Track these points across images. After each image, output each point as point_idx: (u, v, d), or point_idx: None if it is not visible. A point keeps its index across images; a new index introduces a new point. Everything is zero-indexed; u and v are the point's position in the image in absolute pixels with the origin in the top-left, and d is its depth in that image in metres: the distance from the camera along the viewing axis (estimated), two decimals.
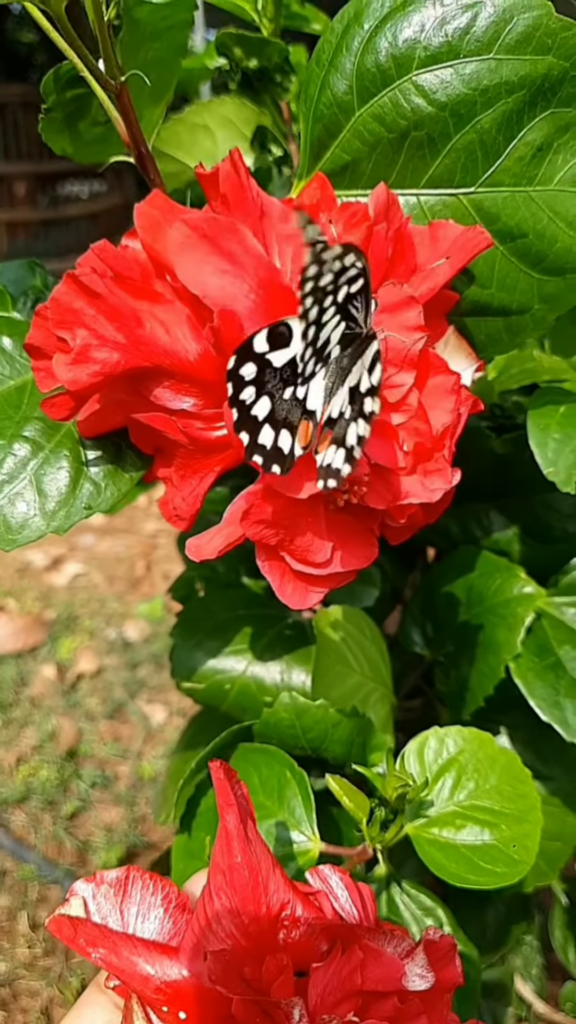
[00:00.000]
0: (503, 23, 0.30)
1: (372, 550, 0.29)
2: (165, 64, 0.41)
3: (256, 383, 0.26)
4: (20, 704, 1.34)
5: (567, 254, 0.32)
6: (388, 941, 0.23)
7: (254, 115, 0.51)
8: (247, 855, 0.22)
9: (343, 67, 0.32)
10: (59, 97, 0.37)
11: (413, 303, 0.28)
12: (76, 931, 0.22)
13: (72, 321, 0.28)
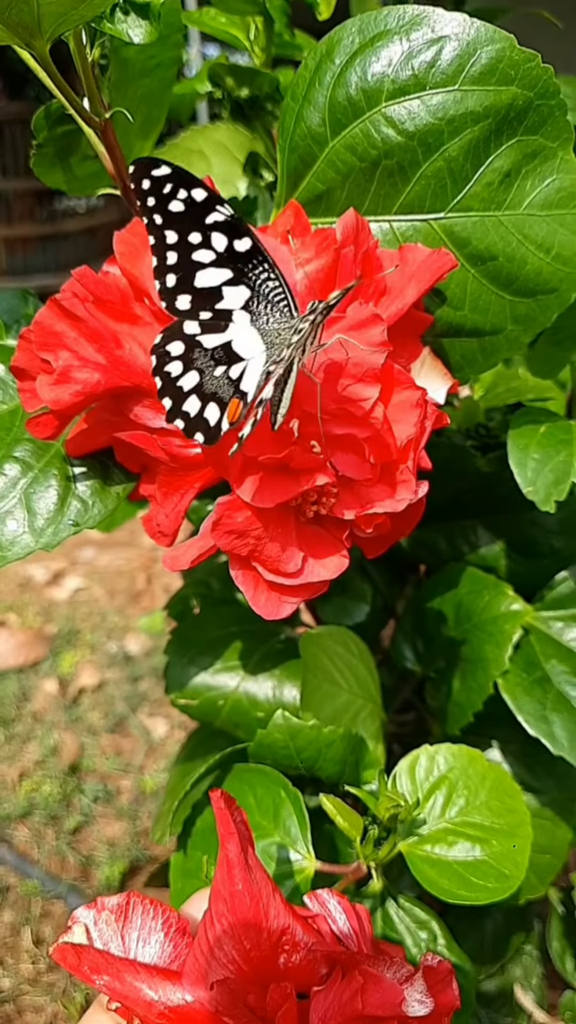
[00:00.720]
0: (467, 56, 0.31)
1: (343, 560, 0.30)
2: (154, 100, 0.42)
3: (183, 359, 0.28)
4: (22, 719, 1.34)
5: (537, 276, 0.33)
6: (388, 967, 0.24)
7: (247, 141, 0.52)
8: (248, 883, 0.22)
9: (316, 101, 0.33)
10: (50, 133, 0.38)
11: (377, 320, 0.29)
12: (80, 959, 0.22)
13: (54, 343, 0.29)
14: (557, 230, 0.32)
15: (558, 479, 0.37)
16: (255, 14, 0.46)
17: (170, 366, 0.28)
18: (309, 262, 0.30)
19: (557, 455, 0.38)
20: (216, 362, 0.28)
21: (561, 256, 0.32)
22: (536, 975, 0.82)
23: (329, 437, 0.29)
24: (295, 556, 0.29)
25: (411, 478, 0.29)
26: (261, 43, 0.49)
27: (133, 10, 0.31)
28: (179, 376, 0.28)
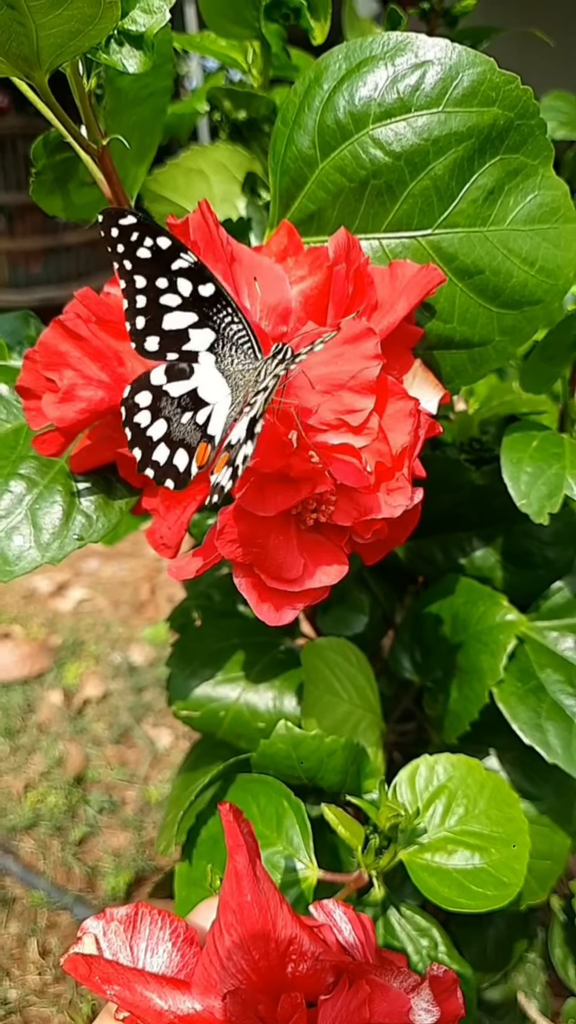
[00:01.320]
0: (450, 79, 0.32)
1: (343, 567, 0.31)
2: (147, 127, 0.43)
3: (151, 409, 0.29)
4: (27, 730, 1.35)
5: (523, 288, 0.34)
6: (395, 976, 0.24)
7: (246, 160, 0.53)
8: (256, 894, 0.23)
9: (306, 124, 0.34)
10: (48, 161, 0.39)
11: (371, 334, 0.30)
12: (90, 969, 0.23)
13: (59, 363, 0.31)
14: (540, 244, 0.33)
15: (551, 492, 0.38)
16: (252, 39, 0.47)
17: (139, 416, 0.29)
18: (303, 280, 0.31)
19: (550, 468, 0.39)
20: (183, 409, 0.29)
21: (545, 269, 0.33)
22: (540, 983, 0.82)
23: (327, 447, 0.30)
24: (297, 563, 0.30)
25: (407, 485, 0.30)
26: (259, 66, 0.50)
27: (128, 41, 0.32)
28: (148, 426, 0.29)
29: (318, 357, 0.29)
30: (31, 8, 0.25)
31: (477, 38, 0.66)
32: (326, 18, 0.47)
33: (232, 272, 0.30)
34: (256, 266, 0.30)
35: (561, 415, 0.46)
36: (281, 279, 0.30)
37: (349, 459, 0.30)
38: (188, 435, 0.29)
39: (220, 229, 0.30)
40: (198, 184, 0.55)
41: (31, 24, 0.26)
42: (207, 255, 0.29)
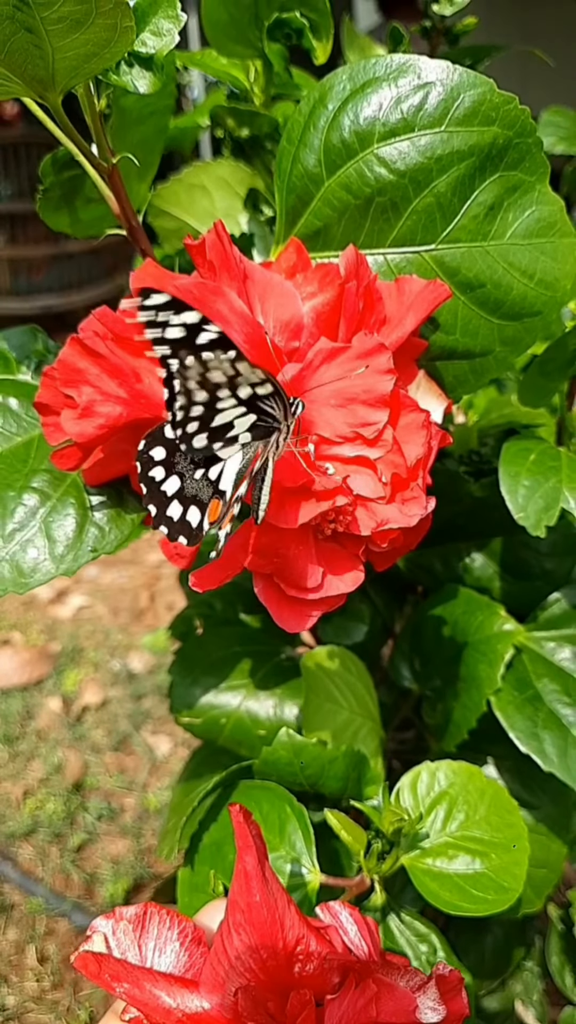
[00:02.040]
0: (451, 100, 0.33)
1: (359, 574, 0.32)
2: (150, 145, 0.44)
3: (165, 464, 0.29)
4: (26, 737, 1.35)
5: (523, 300, 0.34)
6: (401, 975, 0.24)
7: (248, 176, 0.54)
8: (265, 894, 0.23)
9: (312, 143, 0.35)
10: (56, 178, 0.40)
11: (383, 349, 0.30)
12: (100, 967, 0.23)
13: (78, 379, 0.31)
14: (539, 257, 0.34)
15: (548, 505, 0.38)
16: (255, 58, 0.48)
17: (153, 471, 0.29)
18: (314, 296, 0.32)
19: (547, 482, 0.39)
20: (195, 465, 0.29)
21: (543, 281, 0.34)
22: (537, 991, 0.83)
23: (344, 459, 0.30)
24: (315, 572, 0.31)
25: (421, 494, 0.31)
26: (261, 84, 0.51)
27: (137, 63, 0.33)
28: (162, 481, 0.29)
29: (332, 372, 0.30)
30: (50, 32, 0.26)
31: (478, 56, 0.66)
32: (328, 38, 0.48)
33: (246, 289, 0.31)
34: (267, 283, 0.31)
35: (558, 429, 0.47)
36: (292, 295, 0.31)
37: (365, 471, 0.31)
38: (200, 491, 0.29)
39: (234, 248, 0.30)
40: (200, 199, 0.56)
41: (48, 47, 0.27)
42: (222, 274, 0.30)
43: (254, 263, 0.32)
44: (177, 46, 0.33)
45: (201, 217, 0.56)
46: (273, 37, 0.47)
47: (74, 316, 2.49)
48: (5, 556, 0.33)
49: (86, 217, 0.43)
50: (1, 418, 0.36)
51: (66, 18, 0.25)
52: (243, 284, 0.31)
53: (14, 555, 0.34)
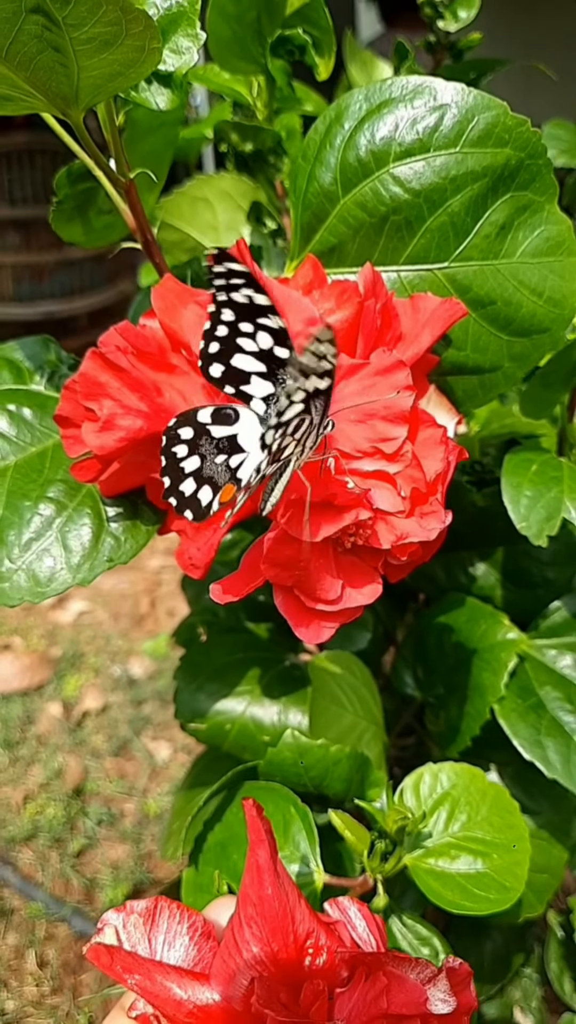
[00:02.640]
0: (466, 122, 0.34)
1: (377, 587, 0.32)
2: (159, 156, 0.45)
3: (190, 444, 0.30)
4: (26, 742, 1.35)
5: (532, 318, 0.35)
6: (411, 968, 0.24)
7: (251, 190, 0.55)
8: (276, 887, 0.23)
9: (327, 161, 0.36)
10: (70, 190, 0.40)
11: (402, 366, 0.31)
12: (112, 958, 0.23)
13: (99, 393, 0.32)
14: (548, 276, 0.35)
15: (550, 515, 0.39)
16: (258, 74, 0.49)
17: (177, 447, 0.30)
18: (332, 313, 0.32)
19: (549, 492, 0.40)
20: (219, 451, 0.30)
21: (552, 299, 0.35)
22: (536, 998, 0.83)
23: (364, 473, 0.31)
24: (335, 585, 0.31)
25: (440, 508, 0.31)
26: (264, 99, 0.51)
27: (157, 80, 0.33)
28: (183, 458, 0.30)
29: (351, 387, 0.31)
30: (78, 52, 0.26)
31: (482, 70, 0.67)
32: (331, 55, 0.49)
33: None
34: (287, 299, 0.31)
35: (559, 439, 0.48)
36: (310, 312, 0.31)
37: (384, 485, 0.31)
38: (218, 475, 0.30)
39: (255, 265, 0.31)
40: (203, 212, 0.56)
41: (74, 66, 0.27)
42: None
43: (272, 280, 0.33)
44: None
45: (204, 229, 0.57)
46: (276, 53, 0.48)
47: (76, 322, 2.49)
48: (22, 565, 0.34)
49: (98, 225, 0.44)
50: (15, 428, 0.37)
51: (96, 39, 0.26)
52: None
53: (30, 564, 0.34)
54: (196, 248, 0.58)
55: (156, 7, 0.32)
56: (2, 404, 0.37)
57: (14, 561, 0.34)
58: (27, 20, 0.25)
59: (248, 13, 0.44)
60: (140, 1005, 0.24)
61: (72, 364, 0.40)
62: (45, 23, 0.25)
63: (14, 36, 0.25)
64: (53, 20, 0.25)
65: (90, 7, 0.24)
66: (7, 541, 0.34)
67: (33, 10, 0.24)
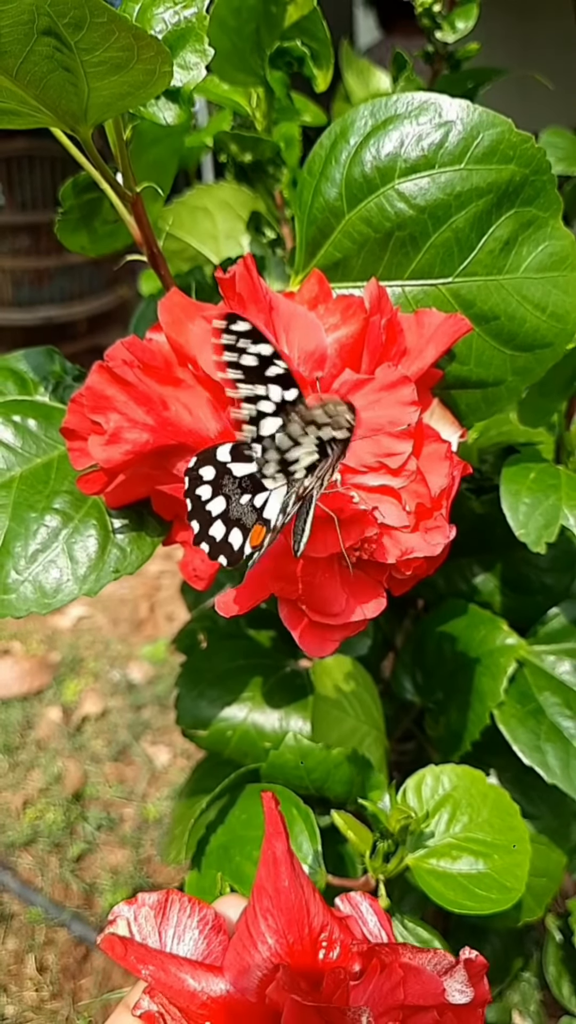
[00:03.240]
0: (471, 138, 0.34)
1: (382, 601, 0.32)
2: (164, 165, 0.45)
3: (213, 484, 0.30)
4: (26, 747, 1.36)
5: (535, 332, 0.35)
6: (428, 959, 0.25)
7: (250, 199, 0.56)
8: (293, 879, 0.23)
9: (333, 177, 0.36)
10: (76, 201, 0.41)
11: (407, 381, 0.31)
12: (126, 949, 0.23)
13: (105, 406, 0.32)
14: (551, 291, 0.35)
15: (548, 522, 0.40)
16: (257, 85, 0.49)
17: (200, 489, 0.29)
18: (337, 328, 0.33)
19: (547, 499, 0.41)
20: (243, 490, 0.30)
21: (556, 314, 0.35)
22: (534, 1001, 0.83)
23: (369, 488, 0.31)
24: (340, 598, 0.31)
25: (444, 523, 0.32)
26: (263, 110, 0.52)
27: (165, 95, 0.34)
28: (208, 500, 0.30)
29: (357, 402, 0.31)
30: (89, 74, 0.27)
31: (480, 79, 0.68)
32: (329, 67, 0.49)
33: (272, 320, 0.31)
34: (293, 314, 0.31)
35: (557, 447, 0.48)
36: (317, 327, 0.32)
37: (390, 500, 0.31)
38: (245, 516, 0.30)
39: (261, 281, 0.31)
40: (203, 222, 0.57)
41: (85, 86, 0.28)
42: (250, 305, 0.31)
43: (279, 295, 0.33)
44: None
45: (204, 238, 0.58)
46: (275, 65, 0.49)
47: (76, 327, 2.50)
48: (28, 577, 0.34)
49: (103, 234, 0.45)
50: (21, 439, 0.37)
51: (107, 62, 0.26)
52: (269, 315, 0.32)
53: (37, 576, 0.34)
54: (196, 257, 0.58)
55: (164, 23, 0.32)
56: (7, 415, 0.38)
57: (20, 572, 0.34)
58: (38, 42, 0.25)
59: (247, 26, 0.45)
60: (144, 1003, 0.24)
61: (76, 375, 0.40)
62: (57, 45, 0.25)
63: (25, 56, 0.26)
64: (65, 43, 0.25)
65: (103, 33, 0.25)
66: (13, 552, 0.34)
67: (45, 32, 0.25)
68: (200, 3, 0.32)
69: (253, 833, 0.38)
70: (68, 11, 0.24)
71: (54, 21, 0.24)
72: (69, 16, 0.24)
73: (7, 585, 0.34)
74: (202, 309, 0.32)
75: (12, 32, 0.25)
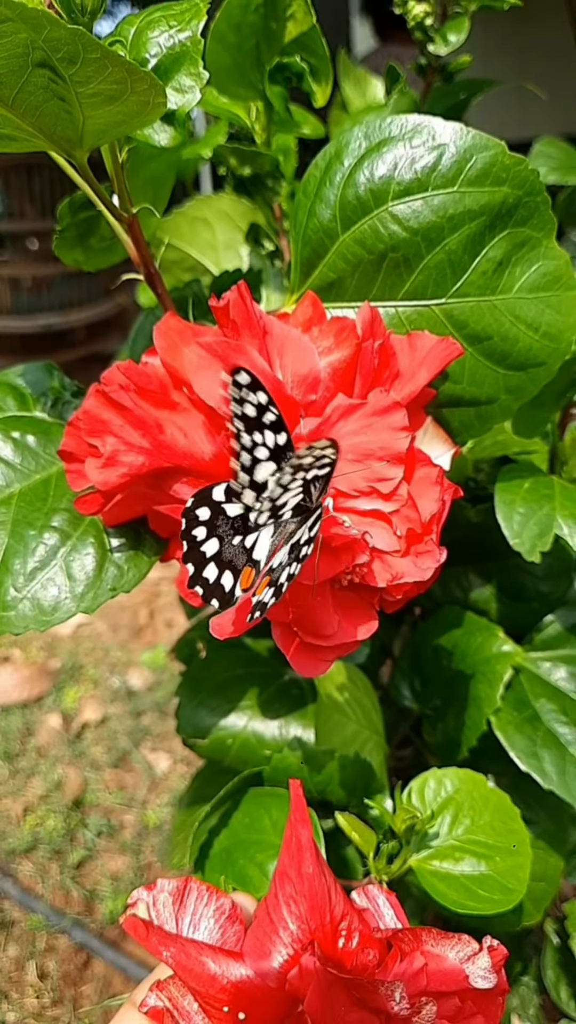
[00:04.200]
0: (464, 161, 0.35)
1: (373, 623, 0.32)
2: (161, 180, 0.46)
3: (208, 525, 0.30)
4: (26, 754, 1.36)
5: (528, 352, 0.36)
6: (452, 945, 0.25)
7: (249, 211, 0.56)
8: (317, 866, 0.24)
9: (327, 198, 0.36)
10: (73, 219, 0.41)
11: (398, 407, 0.32)
12: (148, 931, 0.24)
13: (102, 430, 0.32)
14: (544, 310, 0.36)
15: (542, 531, 0.40)
16: (256, 99, 0.50)
17: (196, 530, 0.30)
18: (330, 352, 0.33)
19: (541, 509, 0.41)
20: (235, 531, 0.30)
21: (548, 334, 0.36)
22: (533, 1005, 0.84)
23: (360, 512, 0.32)
24: (332, 621, 0.32)
25: (434, 548, 0.32)
26: (262, 123, 0.53)
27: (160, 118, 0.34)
28: (203, 541, 0.30)
29: (349, 427, 0.31)
30: (83, 104, 0.27)
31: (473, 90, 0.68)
32: (328, 82, 0.50)
33: (265, 345, 0.32)
34: (286, 338, 0.32)
35: (551, 457, 0.49)
36: (310, 350, 0.32)
37: (381, 524, 0.32)
38: (236, 557, 0.30)
39: (255, 306, 0.31)
40: (202, 232, 0.57)
41: (79, 115, 0.28)
42: (244, 331, 0.31)
43: (273, 318, 0.33)
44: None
45: (203, 249, 0.58)
46: (274, 80, 0.49)
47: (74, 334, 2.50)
48: (27, 594, 0.34)
49: (99, 249, 0.45)
50: (20, 455, 0.37)
51: (101, 94, 0.26)
52: (263, 340, 0.32)
53: (35, 593, 0.34)
54: (196, 267, 0.59)
55: (159, 46, 0.33)
56: (7, 431, 0.38)
57: (19, 590, 0.34)
58: (33, 73, 0.26)
59: (248, 41, 0.45)
60: (151, 1000, 0.24)
61: (75, 391, 0.41)
62: (51, 77, 0.26)
63: (20, 87, 0.26)
64: (59, 75, 0.26)
65: (96, 68, 0.25)
66: (12, 570, 0.34)
67: (40, 65, 0.25)
68: (195, 27, 0.32)
69: (256, 837, 0.39)
70: (62, 47, 0.24)
71: (48, 55, 0.25)
72: (63, 51, 0.25)
73: (6, 602, 0.34)
74: (197, 333, 0.33)
75: (7, 64, 0.25)
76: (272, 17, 0.43)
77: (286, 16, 0.43)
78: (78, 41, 0.24)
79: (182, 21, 0.32)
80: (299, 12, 0.43)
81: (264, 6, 0.42)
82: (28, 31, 0.24)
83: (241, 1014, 0.23)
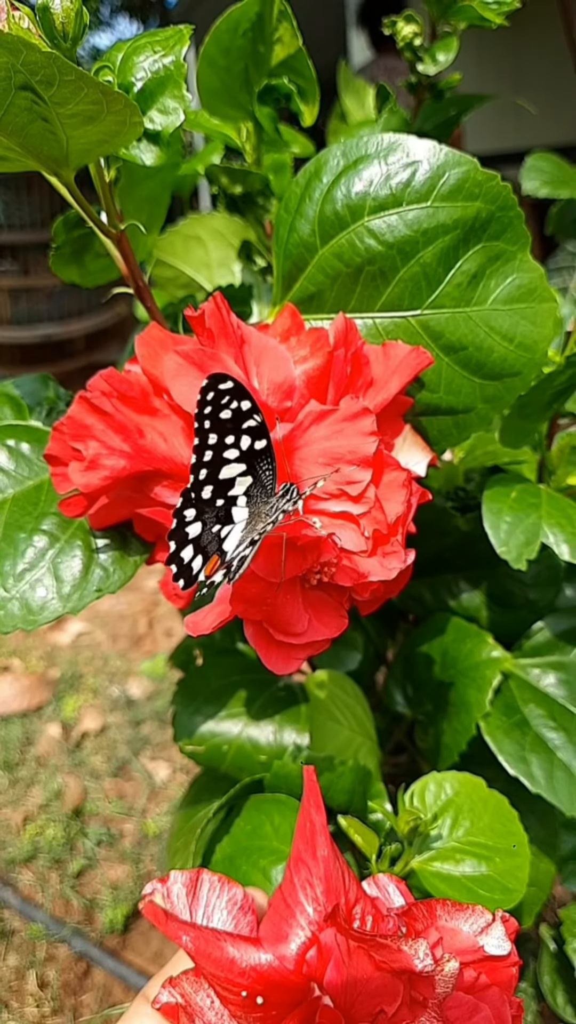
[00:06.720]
0: (437, 177, 0.36)
1: (343, 621, 0.33)
2: (156, 199, 0.47)
3: (198, 507, 0.31)
4: (26, 763, 1.36)
5: (503, 362, 0.37)
6: (466, 916, 0.25)
7: (241, 228, 0.57)
8: (331, 850, 0.24)
9: (307, 214, 0.37)
10: (67, 237, 0.42)
11: (367, 413, 0.33)
12: (167, 917, 0.24)
13: (85, 434, 0.34)
14: (519, 322, 0.37)
15: (528, 540, 0.41)
16: (246, 120, 0.51)
17: (188, 512, 0.31)
18: (306, 360, 0.34)
19: (527, 518, 0.42)
20: (217, 520, 0.31)
21: (523, 344, 0.37)
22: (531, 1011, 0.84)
23: (330, 514, 0.33)
24: (302, 619, 0.33)
25: (400, 549, 0.33)
26: (252, 143, 0.54)
27: (146, 138, 0.35)
28: (190, 522, 0.31)
29: (320, 432, 0.32)
30: (64, 124, 0.28)
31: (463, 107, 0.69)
32: (315, 102, 0.51)
33: (243, 354, 0.33)
34: (263, 347, 0.33)
35: (539, 467, 0.50)
36: (286, 359, 0.33)
37: (349, 525, 0.32)
38: (210, 544, 0.31)
39: (232, 315, 0.32)
40: (196, 250, 0.59)
41: (63, 135, 0.29)
42: (220, 340, 0.32)
43: (251, 328, 0.34)
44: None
45: (197, 266, 0.59)
46: (263, 101, 0.50)
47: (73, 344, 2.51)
48: (16, 595, 0.35)
49: (94, 268, 0.46)
50: (14, 462, 0.39)
51: (80, 114, 0.28)
52: (240, 349, 0.33)
53: (24, 594, 0.36)
54: (190, 284, 0.60)
55: (144, 71, 0.34)
56: (2, 439, 0.39)
57: (8, 590, 0.36)
58: (17, 96, 0.27)
59: (236, 64, 0.46)
60: (164, 996, 0.24)
61: (69, 400, 0.42)
62: (34, 99, 0.27)
63: (6, 108, 0.27)
64: (40, 97, 0.27)
65: (72, 89, 0.26)
66: (3, 571, 0.36)
67: (22, 87, 0.26)
68: (178, 52, 0.33)
69: (259, 843, 0.39)
70: (39, 70, 0.25)
71: (28, 78, 0.26)
72: (40, 74, 0.26)
73: None
74: (177, 342, 0.34)
75: None
76: (260, 41, 0.44)
77: (273, 39, 0.44)
78: (53, 64, 0.25)
79: (167, 47, 0.33)
80: (286, 35, 0.44)
81: (252, 30, 0.43)
82: (8, 55, 0.25)
83: (259, 999, 0.23)
